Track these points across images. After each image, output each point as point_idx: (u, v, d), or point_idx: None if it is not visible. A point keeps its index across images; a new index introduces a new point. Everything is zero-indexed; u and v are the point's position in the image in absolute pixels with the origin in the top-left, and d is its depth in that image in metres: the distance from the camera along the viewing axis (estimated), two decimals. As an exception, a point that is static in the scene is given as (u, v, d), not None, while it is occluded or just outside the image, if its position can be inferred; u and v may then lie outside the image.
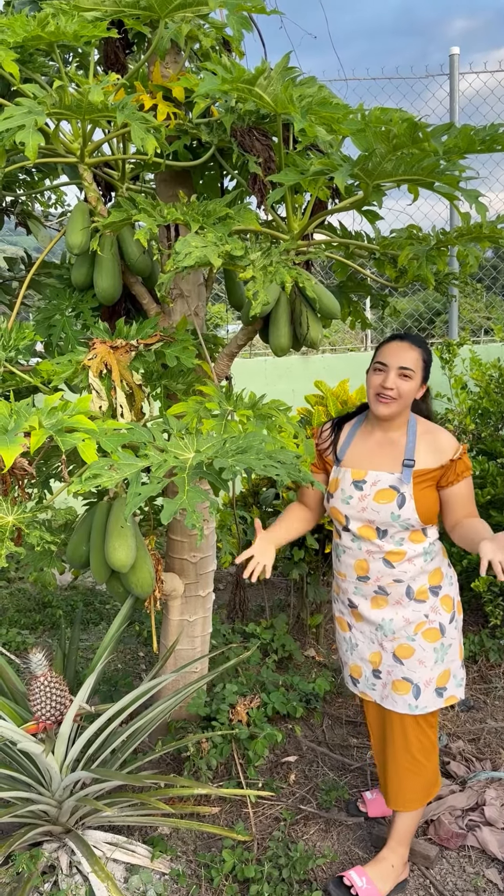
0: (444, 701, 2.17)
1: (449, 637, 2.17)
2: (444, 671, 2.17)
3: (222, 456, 1.61)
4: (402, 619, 2.15)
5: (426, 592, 2.15)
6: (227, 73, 1.63)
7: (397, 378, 2.04)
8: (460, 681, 2.23)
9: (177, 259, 1.66)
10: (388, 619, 2.16)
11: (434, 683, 2.15)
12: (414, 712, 2.14)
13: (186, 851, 2.39)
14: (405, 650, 2.15)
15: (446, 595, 2.18)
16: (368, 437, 2.19)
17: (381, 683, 2.21)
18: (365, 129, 1.68)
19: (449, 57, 4.98)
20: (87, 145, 2.10)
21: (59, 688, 2.23)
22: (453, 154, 1.82)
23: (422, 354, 2.08)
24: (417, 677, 2.14)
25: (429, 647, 2.14)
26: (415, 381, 2.06)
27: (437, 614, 2.15)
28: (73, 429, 1.70)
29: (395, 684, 2.17)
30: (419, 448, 2.11)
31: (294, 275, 1.82)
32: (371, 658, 2.23)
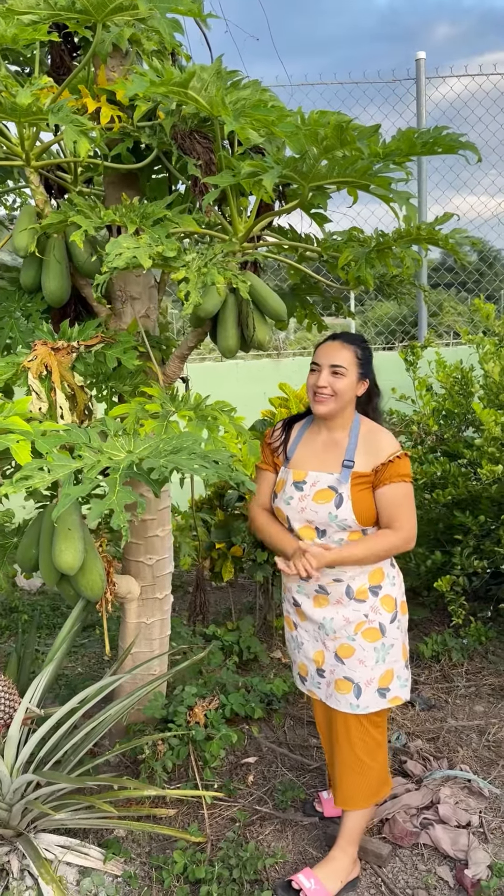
0: (388, 701, 2.17)
1: (390, 637, 2.17)
2: (387, 671, 2.17)
3: (155, 456, 1.62)
4: (343, 618, 2.16)
5: (366, 592, 2.16)
6: (157, 76, 1.64)
7: (330, 376, 2.10)
8: (405, 682, 2.22)
9: (107, 260, 1.67)
10: (328, 619, 2.18)
11: (376, 683, 2.16)
12: (356, 711, 2.15)
13: (141, 854, 2.39)
14: (346, 650, 2.16)
15: (387, 595, 2.18)
16: (315, 437, 2.23)
17: (326, 682, 2.23)
18: (297, 131, 1.70)
19: (415, 62, 5.02)
20: (32, 148, 2.11)
21: (8, 691, 2.23)
22: (396, 156, 1.84)
23: (355, 352, 2.12)
24: (358, 677, 2.15)
25: (369, 646, 2.15)
26: (348, 378, 2.11)
27: (377, 614, 2.16)
28: (8, 430, 1.70)
29: (338, 683, 2.18)
30: (360, 449, 2.13)
31: (229, 276, 1.83)
32: (315, 657, 2.24)
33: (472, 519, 3.49)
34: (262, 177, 1.67)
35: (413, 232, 1.98)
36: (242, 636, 3.44)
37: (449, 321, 12.09)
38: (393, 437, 2.17)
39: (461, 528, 3.60)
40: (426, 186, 5.29)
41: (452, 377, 3.83)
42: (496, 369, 3.55)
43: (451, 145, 1.85)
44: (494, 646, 3.66)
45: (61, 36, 2.17)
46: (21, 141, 2.00)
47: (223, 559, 3.55)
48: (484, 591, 4.04)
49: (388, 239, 2.04)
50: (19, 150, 2.08)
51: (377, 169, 1.76)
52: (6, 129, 2.14)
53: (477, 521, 3.48)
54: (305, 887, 2.16)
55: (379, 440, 2.14)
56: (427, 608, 4.03)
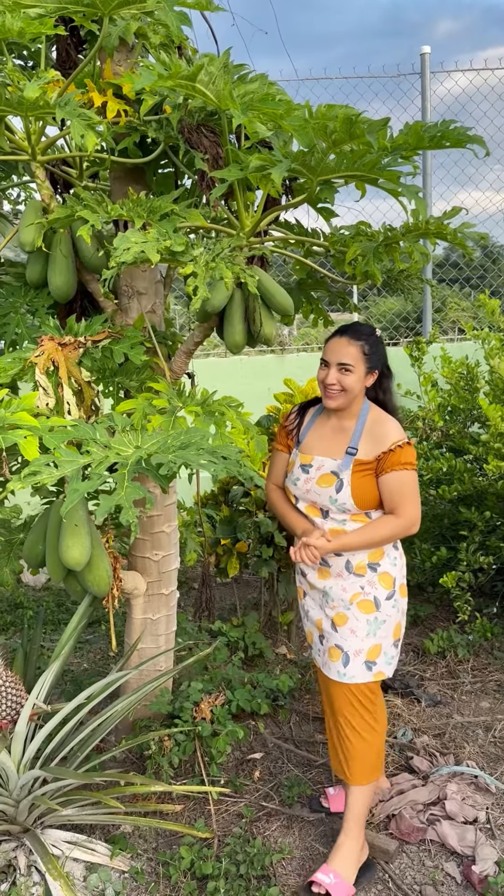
0: (373, 675, 2.23)
1: (384, 613, 2.24)
2: (375, 645, 2.23)
3: (163, 452, 1.62)
4: (341, 588, 2.25)
5: (364, 567, 2.24)
6: (164, 70, 1.63)
7: (338, 373, 2.16)
8: (391, 658, 2.28)
9: (115, 254, 1.66)
10: (329, 587, 2.27)
11: (364, 655, 2.22)
12: (342, 680, 2.22)
13: (147, 849, 2.39)
14: (340, 618, 2.25)
15: (385, 572, 2.25)
16: (325, 423, 2.31)
17: (323, 650, 2.32)
18: (305, 125, 1.69)
19: (420, 56, 5.00)
20: (38, 143, 2.10)
21: (15, 687, 2.23)
22: (404, 150, 1.83)
23: (362, 348, 2.17)
24: (348, 646, 2.22)
25: (362, 617, 2.22)
26: (356, 373, 2.17)
27: (373, 588, 2.23)
28: (16, 426, 1.70)
29: (330, 651, 2.27)
30: (365, 437, 2.21)
31: (237, 270, 1.82)
32: (317, 623, 2.35)
33: (478, 515, 3.48)
34: (271, 170, 1.66)
35: (421, 226, 1.97)
36: (248, 632, 3.43)
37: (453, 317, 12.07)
38: (398, 425, 2.23)
39: (467, 524, 3.59)
40: (431, 181, 5.27)
41: (458, 373, 3.81)
42: (502, 365, 3.54)
43: (458, 139, 1.84)
44: (500, 642, 3.65)
45: (67, 29, 2.16)
46: (27, 135, 1.99)
47: (228, 555, 3.54)
48: (489, 587, 4.03)
49: (396, 233, 2.03)
50: (25, 144, 2.07)
51: (386, 163, 1.75)
52: (11, 123, 2.13)
53: (482, 517, 3.47)
54: (326, 883, 2.16)
55: (384, 428, 2.20)
56: (432, 604, 4.03)
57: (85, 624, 2.59)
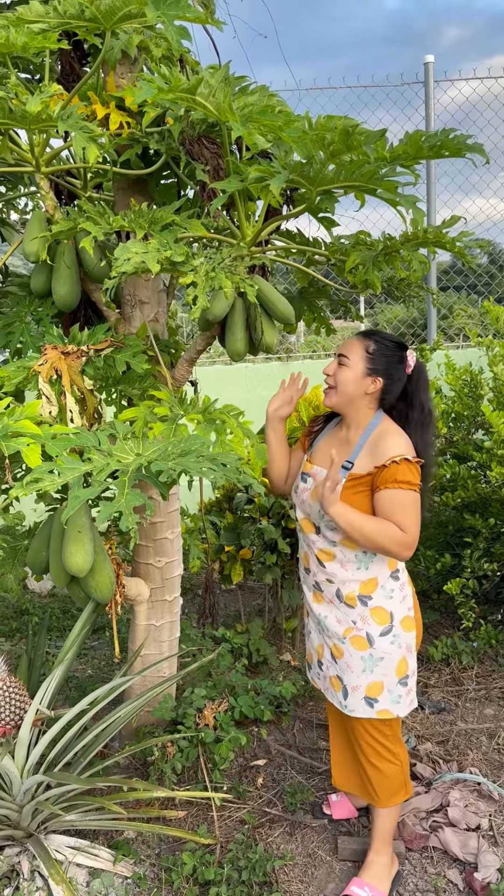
0: (377, 713, 2.12)
1: (380, 650, 2.10)
2: (375, 682, 2.12)
3: (164, 459, 1.64)
4: (335, 618, 2.17)
5: (355, 599, 2.12)
6: (165, 83, 1.66)
7: (335, 364, 2.11)
8: (397, 698, 2.13)
9: (116, 265, 1.69)
10: (324, 616, 2.19)
11: (362, 691, 2.12)
12: (344, 711, 2.17)
13: (150, 855, 2.40)
14: (337, 650, 2.18)
15: (379, 607, 2.10)
16: (337, 433, 2.23)
17: (323, 675, 2.27)
18: (304, 136, 1.71)
19: (424, 65, 5.02)
20: (42, 154, 2.13)
21: (19, 692, 2.24)
22: (403, 160, 1.85)
23: (366, 346, 2.07)
24: (347, 680, 2.16)
25: (356, 653, 2.12)
26: (351, 370, 2.06)
27: (364, 623, 2.10)
28: (19, 433, 1.72)
29: (331, 680, 2.23)
30: (365, 451, 2.07)
31: (237, 280, 1.84)
32: (318, 649, 2.28)
33: (482, 522, 3.48)
34: (270, 181, 1.68)
35: (420, 235, 1.99)
36: (252, 638, 3.44)
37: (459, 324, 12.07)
38: (407, 442, 2.03)
39: (471, 531, 3.59)
40: (435, 189, 5.29)
41: (462, 380, 3.82)
42: (505, 372, 3.55)
43: (458, 148, 1.86)
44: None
45: (71, 43, 2.20)
46: (31, 147, 2.02)
47: (232, 561, 3.56)
48: (494, 593, 4.03)
49: (395, 242, 2.05)
50: (29, 156, 2.10)
51: (384, 173, 1.76)
52: (17, 135, 2.16)
53: (487, 524, 3.47)
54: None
55: (386, 442, 2.02)
56: (437, 611, 4.03)
57: (89, 630, 2.61)
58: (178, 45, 1.75)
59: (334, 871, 2.34)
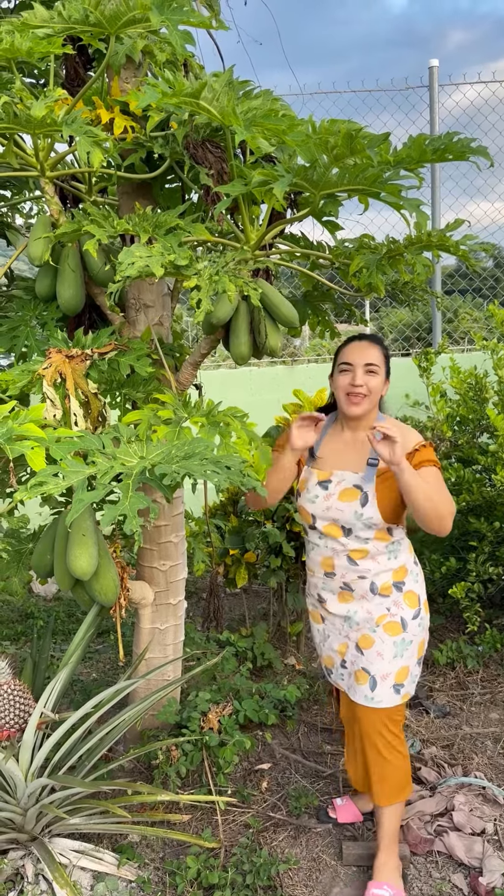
0: (401, 698, 2.19)
1: (411, 633, 2.20)
2: (403, 667, 2.19)
3: (167, 462, 1.64)
4: (366, 611, 2.20)
5: (390, 588, 2.19)
6: (168, 87, 1.67)
7: (365, 375, 2.10)
8: (415, 677, 2.25)
9: (120, 269, 1.69)
10: (353, 611, 2.22)
11: (392, 678, 2.18)
12: (370, 704, 2.18)
13: (154, 859, 2.40)
14: (366, 640, 2.20)
15: (410, 591, 2.22)
16: (338, 436, 2.26)
17: (348, 673, 2.27)
18: (307, 140, 1.71)
19: (428, 69, 5.03)
20: (47, 159, 2.14)
21: (23, 696, 2.24)
22: (406, 164, 1.85)
23: (382, 351, 2.16)
24: (375, 669, 2.18)
25: (388, 639, 2.18)
26: (380, 376, 2.13)
27: (399, 608, 2.19)
28: (24, 437, 1.73)
29: (357, 674, 2.22)
30: None
31: (240, 284, 1.85)
32: (339, 649, 2.29)
33: (487, 525, 3.47)
34: (273, 185, 1.68)
35: (424, 238, 1.99)
36: (256, 642, 3.44)
37: (465, 327, 12.05)
38: (415, 431, 2.19)
39: (476, 535, 3.58)
40: (440, 193, 5.30)
41: (466, 383, 3.82)
42: (510, 375, 3.54)
43: (461, 151, 1.86)
44: (510, 653, 3.64)
45: (75, 48, 2.21)
46: (36, 152, 2.03)
47: (237, 565, 3.56)
48: (499, 597, 4.02)
49: (399, 246, 2.05)
50: (34, 160, 2.11)
51: (387, 176, 1.77)
52: (22, 140, 2.17)
53: (492, 528, 3.47)
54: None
55: (403, 433, 2.10)
56: (442, 615, 4.02)
57: (93, 633, 2.61)
58: (181, 50, 1.76)
59: (339, 876, 2.34)
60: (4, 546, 1.86)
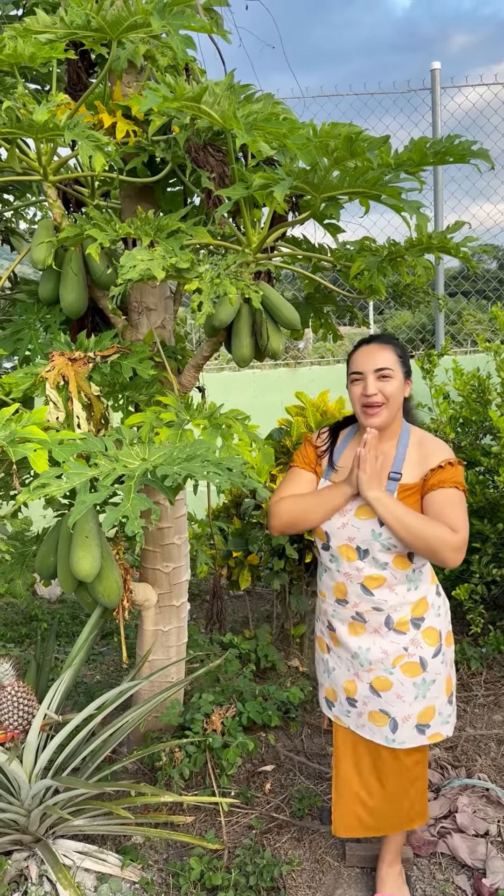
0: (428, 738, 2.05)
1: (432, 672, 2.02)
2: (427, 708, 2.03)
3: (169, 464, 1.65)
4: (380, 650, 2.02)
5: (407, 624, 2.00)
6: (169, 91, 1.68)
7: (377, 381, 1.92)
8: (447, 717, 2.08)
9: (122, 272, 1.71)
10: (364, 649, 2.03)
11: (414, 720, 2.03)
12: (392, 745, 2.05)
13: (158, 860, 2.40)
14: (382, 683, 2.03)
15: (430, 627, 2.02)
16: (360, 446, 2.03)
17: (357, 713, 2.11)
18: (308, 143, 1.72)
19: (430, 72, 5.04)
20: (49, 163, 2.15)
21: (27, 697, 2.25)
22: (407, 166, 1.86)
23: (395, 351, 1.97)
24: (395, 711, 2.03)
25: (408, 681, 2.01)
26: (396, 379, 1.94)
27: (417, 648, 2.00)
28: (26, 439, 1.74)
29: (372, 715, 2.07)
30: (409, 460, 1.97)
31: (241, 286, 1.86)
32: (346, 686, 2.11)
33: (491, 527, 3.48)
34: (273, 188, 1.69)
35: (425, 241, 1.99)
36: (259, 644, 3.45)
37: (468, 329, 12.05)
38: (446, 446, 1.99)
39: (479, 536, 3.58)
40: (442, 195, 5.30)
41: (469, 385, 3.83)
42: (513, 377, 3.54)
43: (462, 154, 1.86)
44: (514, 655, 3.64)
45: (78, 53, 2.22)
46: (39, 156, 2.04)
47: (240, 567, 3.56)
48: (503, 599, 4.02)
49: (399, 248, 2.06)
50: (37, 165, 2.13)
51: (388, 179, 1.77)
52: (25, 144, 2.19)
53: (495, 529, 3.47)
54: None
55: (430, 448, 1.96)
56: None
57: (97, 635, 2.62)
58: (183, 55, 1.77)
59: (342, 877, 2.34)
60: (8, 548, 1.87)
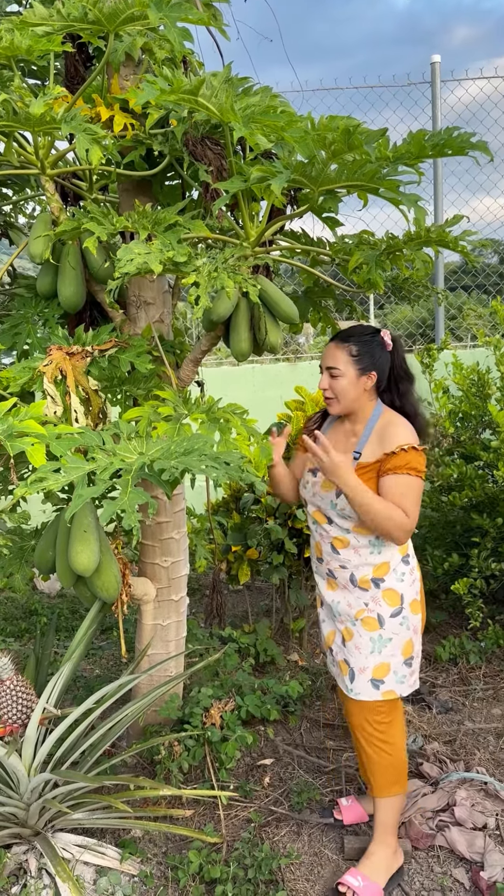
0: (382, 694, 2.18)
1: (389, 630, 2.18)
2: (382, 664, 2.19)
3: (166, 458, 1.64)
4: (346, 603, 2.23)
5: (368, 582, 2.19)
6: (167, 84, 1.67)
7: (329, 379, 2.17)
8: (402, 678, 2.21)
9: (119, 266, 1.70)
10: (336, 602, 2.26)
11: (369, 672, 2.19)
12: (350, 695, 2.21)
13: (157, 854, 2.41)
14: (347, 633, 2.24)
15: (391, 589, 2.19)
16: (340, 427, 2.31)
17: (332, 661, 2.33)
18: (305, 136, 1.72)
19: (430, 65, 5.02)
20: (47, 157, 2.14)
21: (26, 691, 2.25)
22: (405, 159, 1.85)
23: (349, 350, 2.13)
24: (354, 662, 2.21)
25: (365, 634, 2.19)
26: (346, 377, 2.14)
27: (377, 605, 2.19)
28: (24, 433, 1.73)
29: (340, 664, 2.27)
30: (371, 440, 2.16)
31: (239, 280, 1.85)
32: (327, 637, 2.34)
33: (490, 521, 3.48)
34: (271, 181, 1.69)
35: (423, 234, 1.99)
36: (259, 638, 3.45)
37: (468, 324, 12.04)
38: (411, 430, 2.13)
39: (478, 531, 3.59)
40: (442, 189, 5.29)
41: (469, 379, 3.82)
42: (512, 371, 3.54)
43: (461, 147, 1.85)
44: (513, 649, 3.65)
45: (75, 46, 2.21)
46: (36, 149, 2.03)
47: (239, 562, 3.57)
48: (502, 593, 4.02)
49: (398, 242, 2.05)
50: (34, 158, 2.12)
51: (386, 172, 1.77)
52: (23, 138, 2.18)
53: (494, 524, 3.47)
54: (354, 886, 2.17)
55: (392, 431, 2.12)
56: (444, 611, 4.02)
57: (96, 629, 2.62)
58: (180, 47, 1.76)
59: (340, 870, 2.34)
60: (6, 543, 1.87)
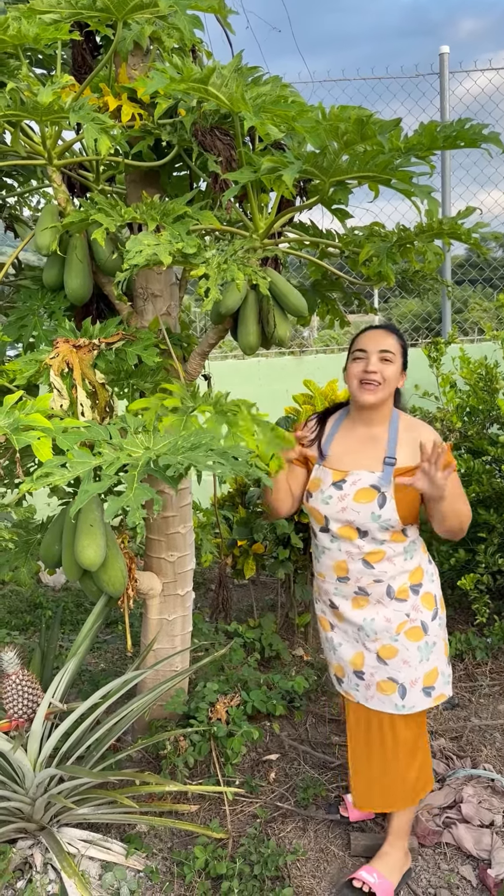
0: (433, 700, 2.15)
1: (433, 635, 2.14)
2: (431, 670, 2.14)
3: (173, 453, 1.63)
4: (384, 618, 2.12)
5: (407, 591, 2.11)
6: (176, 73, 1.65)
7: (379, 362, 2.04)
8: (447, 678, 2.19)
9: (128, 257, 1.68)
10: (369, 619, 2.13)
11: (421, 682, 2.13)
12: (401, 712, 2.13)
13: (162, 849, 2.40)
14: (388, 651, 2.12)
15: (427, 592, 2.15)
16: (351, 432, 2.16)
17: (365, 684, 2.18)
18: (317, 126, 1.69)
19: (438, 56, 4.97)
20: (54, 147, 2.12)
21: (32, 686, 2.25)
22: (417, 150, 1.82)
23: (398, 340, 2.10)
24: (403, 677, 2.12)
25: (412, 646, 2.11)
26: (395, 365, 2.07)
27: (418, 612, 2.12)
28: (30, 427, 1.72)
29: (380, 685, 2.15)
30: (401, 444, 2.07)
31: (249, 272, 1.83)
32: (353, 660, 2.20)
33: (497, 517, 3.45)
34: (282, 172, 1.66)
35: (435, 226, 1.96)
36: (264, 633, 3.44)
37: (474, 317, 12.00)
38: (432, 429, 2.12)
39: (485, 526, 3.56)
40: (450, 182, 5.25)
41: (476, 373, 3.79)
42: (521, 365, 3.51)
43: (473, 138, 1.83)
44: (519, 645, 3.63)
45: (83, 34, 2.18)
46: (43, 139, 2.01)
47: (245, 556, 3.55)
48: (509, 589, 4.00)
49: (409, 234, 2.03)
50: (41, 148, 2.10)
51: (398, 163, 1.74)
52: (29, 128, 2.16)
53: (501, 519, 3.45)
54: (370, 881, 2.16)
55: (421, 433, 2.08)
56: (451, 606, 4.00)
57: (102, 624, 2.61)
58: (190, 35, 1.74)
59: (347, 867, 2.33)
60: (12, 536, 1.85)
